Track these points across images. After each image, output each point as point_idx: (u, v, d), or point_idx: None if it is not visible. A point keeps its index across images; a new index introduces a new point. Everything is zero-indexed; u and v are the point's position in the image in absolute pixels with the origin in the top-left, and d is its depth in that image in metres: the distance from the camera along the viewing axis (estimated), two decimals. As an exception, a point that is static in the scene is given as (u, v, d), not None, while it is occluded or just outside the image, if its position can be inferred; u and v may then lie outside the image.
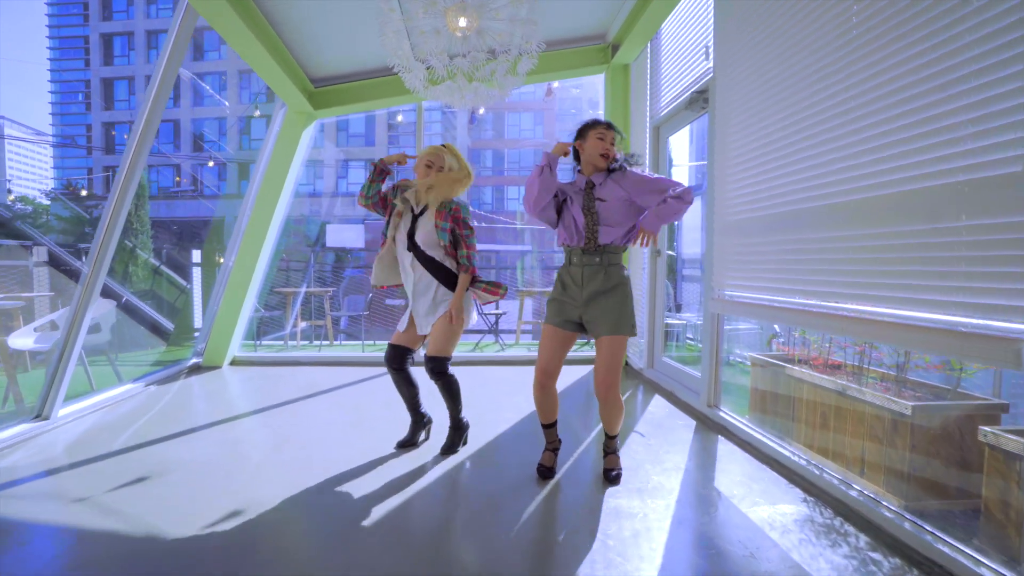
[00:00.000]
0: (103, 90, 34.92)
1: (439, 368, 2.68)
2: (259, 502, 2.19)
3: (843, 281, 2.15)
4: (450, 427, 2.85)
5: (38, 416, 3.07)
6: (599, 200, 2.34)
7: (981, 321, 1.56)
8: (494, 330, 6.64)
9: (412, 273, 2.70)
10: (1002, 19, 1.49)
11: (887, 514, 1.95)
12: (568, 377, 4.67)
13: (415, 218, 2.71)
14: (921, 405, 2.13)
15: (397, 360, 2.74)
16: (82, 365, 3.96)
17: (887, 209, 1.91)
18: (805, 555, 1.81)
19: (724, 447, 2.91)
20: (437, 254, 2.68)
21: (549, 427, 2.54)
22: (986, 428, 1.80)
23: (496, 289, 2.79)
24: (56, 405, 3.10)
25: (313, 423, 3.29)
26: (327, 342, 6.56)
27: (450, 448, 2.79)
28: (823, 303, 2.31)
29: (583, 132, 2.41)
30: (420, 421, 2.90)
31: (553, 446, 2.57)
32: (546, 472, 2.49)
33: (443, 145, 2.83)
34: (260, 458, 2.70)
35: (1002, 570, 1.56)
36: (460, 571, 1.74)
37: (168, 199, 27.78)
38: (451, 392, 2.76)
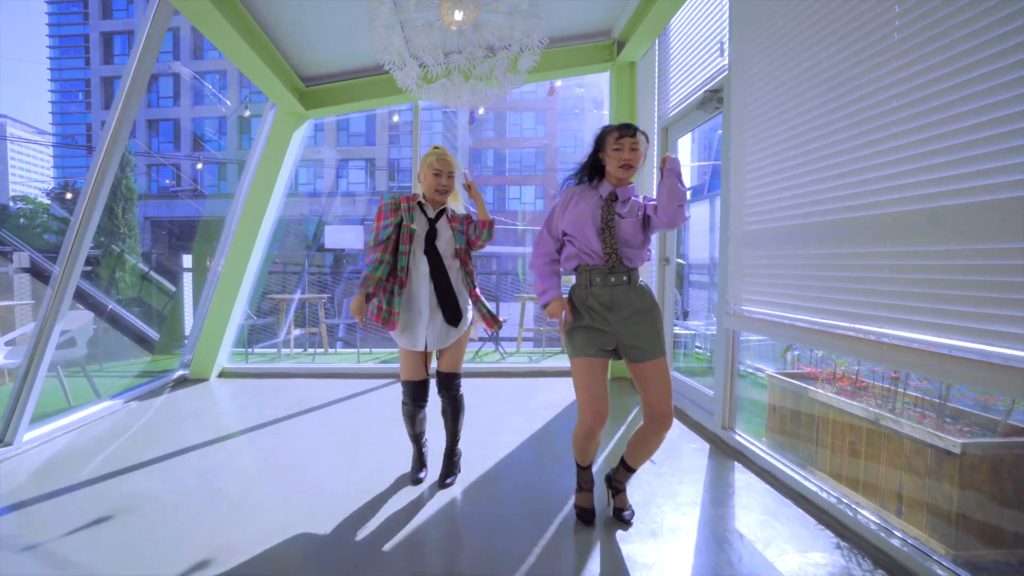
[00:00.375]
0: (103, 89, 34.80)
1: (454, 385, 2.52)
2: (231, 548, 1.97)
3: (879, 303, 1.92)
4: (445, 455, 2.65)
5: (0, 442, 2.85)
6: (618, 216, 2.05)
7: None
8: (494, 338, 6.41)
9: (430, 283, 2.43)
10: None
11: (939, 571, 1.72)
12: (555, 394, 4.44)
13: (432, 222, 2.46)
14: (973, 442, 1.90)
15: (423, 395, 2.50)
16: (58, 380, 3.75)
17: (935, 224, 1.68)
18: (847, 622, 1.58)
19: (742, 477, 2.68)
20: (455, 262, 2.49)
21: (587, 468, 2.25)
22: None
23: (492, 322, 2.55)
24: (21, 429, 2.87)
25: (300, 447, 3.06)
26: (322, 350, 6.34)
27: (447, 475, 2.59)
28: (853, 325, 2.09)
29: (600, 143, 2.12)
30: (423, 453, 2.68)
31: (589, 486, 2.26)
32: (589, 517, 2.19)
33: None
34: (237, 492, 2.47)
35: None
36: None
37: (166, 199, 27.61)
38: (458, 412, 2.57)
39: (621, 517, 2.18)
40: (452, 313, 2.45)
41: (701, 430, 3.37)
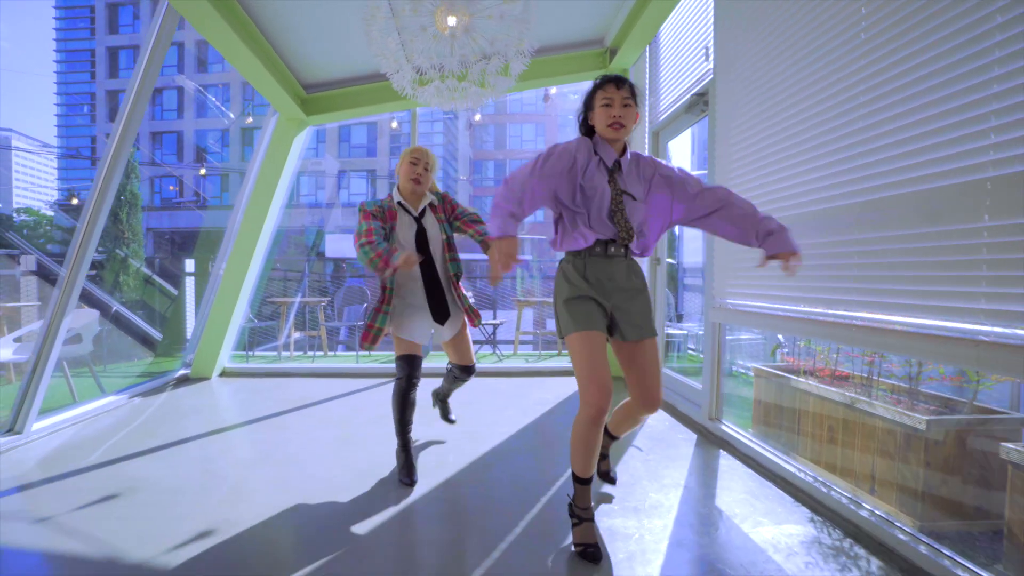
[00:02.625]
0: (108, 102, 35.27)
1: (472, 372, 2.80)
2: (230, 523, 2.06)
3: (851, 288, 2.03)
4: (442, 401, 3.12)
5: (10, 430, 2.95)
6: (626, 194, 1.84)
7: (1003, 330, 1.44)
8: (492, 341, 6.51)
9: (421, 278, 2.54)
10: None
11: (901, 536, 1.81)
12: (550, 391, 4.53)
13: (419, 221, 2.55)
14: (937, 419, 1.99)
15: (417, 371, 2.48)
16: (64, 376, 3.85)
17: (899, 210, 1.79)
18: (813, 582, 1.67)
19: (726, 463, 2.77)
20: (444, 256, 2.59)
21: (586, 483, 1.89)
22: (1009, 445, 1.66)
23: (473, 317, 2.66)
24: (30, 419, 2.98)
25: (298, 440, 3.15)
26: (321, 352, 6.44)
27: (448, 413, 3.12)
28: (830, 311, 2.19)
29: (589, 101, 1.92)
30: (410, 455, 2.57)
31: (589, 514, 1.88)
32: (595, 553, 1.80)
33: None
34: (236, 476, 2.57)
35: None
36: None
37: (169, 209, 27.93)
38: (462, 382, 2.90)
39: (608, 477, 2.24)
40: (440, 311, 2.57)
41: (689, 422, 3.46)
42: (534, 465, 2.72)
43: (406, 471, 2.50)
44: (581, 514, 1.88)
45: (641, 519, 2.10)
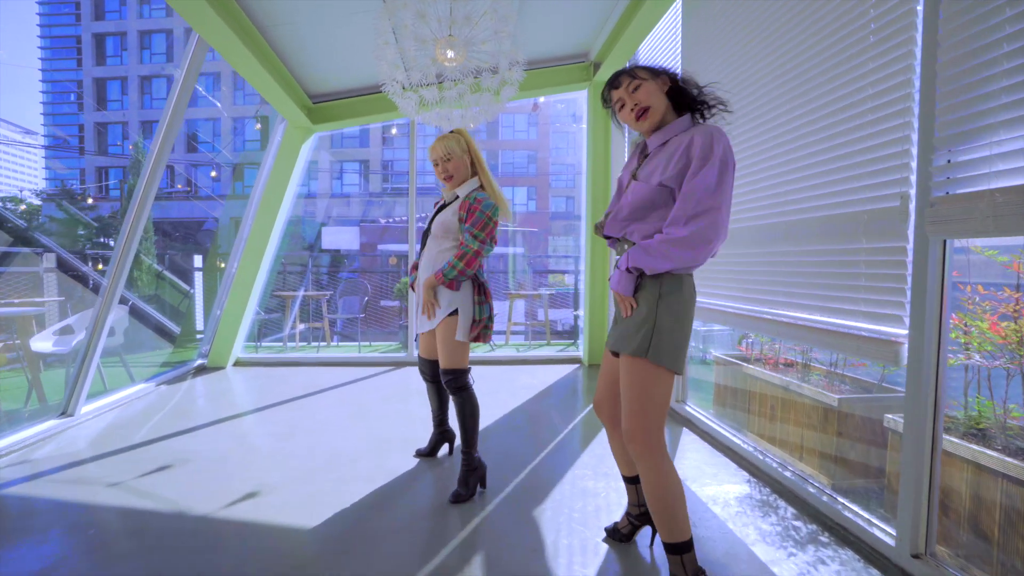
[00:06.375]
0: (95, 90, 35.10)
1: (455, 382, 2.42)
2: (271, 485, 2.50)
3: (775, 290, 2.48)
4: (462, 464, 2.45)
5: (63, 413, 3.36)
6: (634, 180, 1.69)
7: (874, 326, 1.89)
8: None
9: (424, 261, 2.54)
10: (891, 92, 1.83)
11: (811, 490, 2.29)
12: (536, 377, 4.98)
13: (440, 208, 2.60)
14: (846, 398, 2.46)
15: (430, 371, 2.69)
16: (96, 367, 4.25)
17: (810, 230, 2.24)
18: (739, 524, 2.14)
19: (687, 438, 3.24)
20: (446, 244, 2.46)
21: (626, 481, 2.01)
22: (889, 415, 2.12)
23: (481, 334, 2.49)
24: (80, 403, 3.39)
25: (316, 415, 3.59)
26: (324, 343, 6.85)
27: (460, 494, 2.36)
28: (758, 308, 2.64)
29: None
30: (443, 435, 2.89)
31: (629, 507, 2.03)
32: (614, 534, 2.04)
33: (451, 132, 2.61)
34: (270, 448, 3.00)
35: (888, 528, 1.90)
36: (443, 535, 2.05)
37: (161, 200, 28.04)
38: (463, 413, 2.43)
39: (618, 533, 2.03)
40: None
41: (659, 404, 3.93)
42: (521, 438, 3.17)
43: (427, 445, 2.91)
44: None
45: (608, 482, 2.56)
